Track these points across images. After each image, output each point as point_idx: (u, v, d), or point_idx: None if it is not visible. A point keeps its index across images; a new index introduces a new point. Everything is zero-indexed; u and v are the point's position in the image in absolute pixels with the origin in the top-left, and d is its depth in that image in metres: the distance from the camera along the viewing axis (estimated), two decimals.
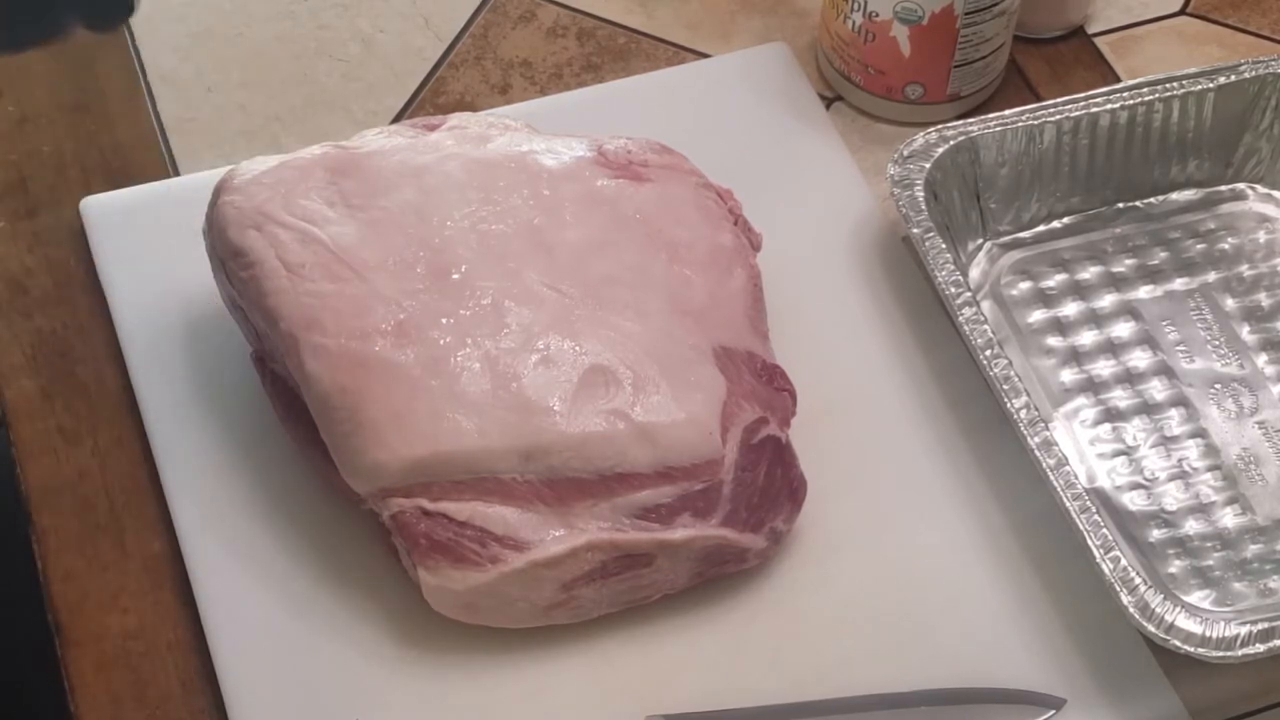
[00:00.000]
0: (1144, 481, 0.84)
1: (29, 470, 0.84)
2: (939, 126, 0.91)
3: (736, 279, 0.83)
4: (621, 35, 1.04)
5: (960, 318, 0.84)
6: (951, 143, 0.90)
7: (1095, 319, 0.90)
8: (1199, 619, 0.75)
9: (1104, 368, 0.88)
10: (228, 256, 0.80)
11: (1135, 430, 0.86)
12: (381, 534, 0.78)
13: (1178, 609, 0.75)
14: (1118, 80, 1.01)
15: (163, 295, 0.88)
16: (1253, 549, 0.82)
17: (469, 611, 0.76)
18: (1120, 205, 0.95)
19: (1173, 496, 0.84)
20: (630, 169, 0.85)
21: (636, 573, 0.76)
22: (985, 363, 0.82)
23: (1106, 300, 0.91)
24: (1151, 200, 0.95)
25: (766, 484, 0.78)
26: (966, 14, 0.93)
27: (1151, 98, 0.92)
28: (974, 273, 0.92)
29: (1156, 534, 0.82)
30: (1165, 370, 0.88)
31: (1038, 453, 0.79)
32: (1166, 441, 0.86)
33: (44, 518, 0.82)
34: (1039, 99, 0.99)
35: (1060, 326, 0.90)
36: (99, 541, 0.81)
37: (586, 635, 0.78)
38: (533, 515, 0.75)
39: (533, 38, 1.03)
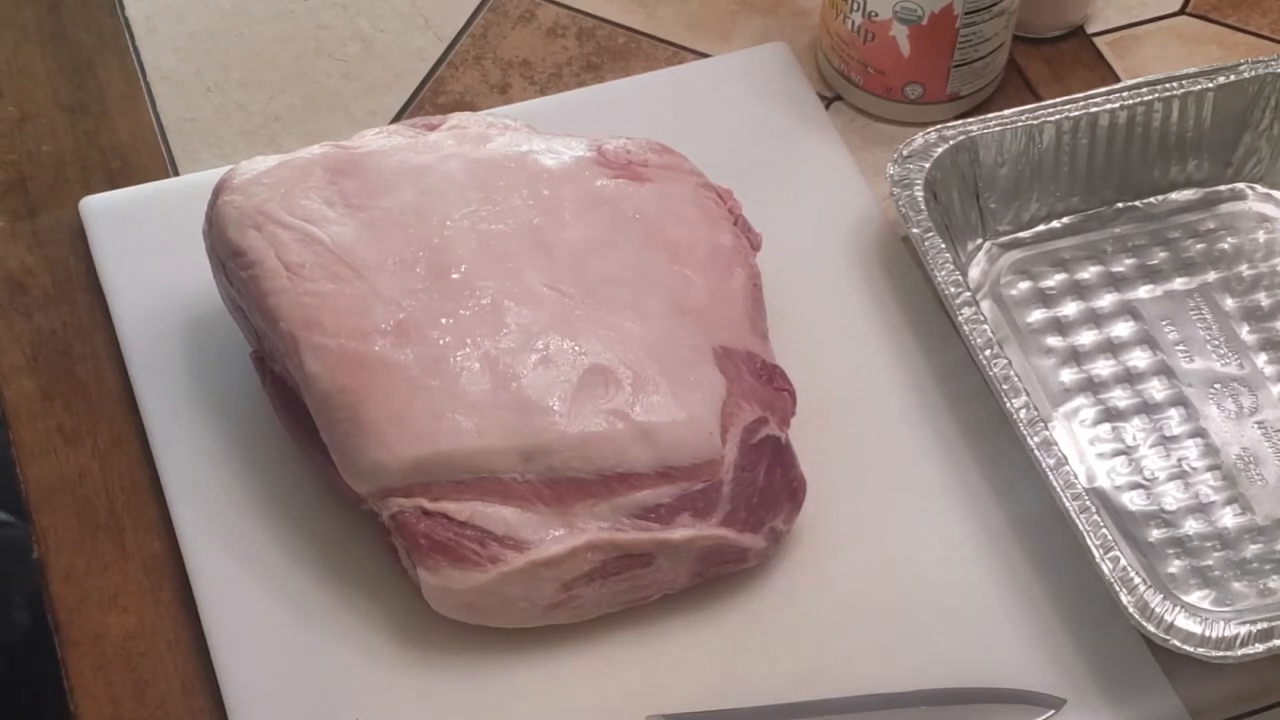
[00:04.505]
0: (1144, 481, 0.84)
1: (29, 470, 0.84)
2: (938, 126, 0.91)
3: (736, 279, 0.83)
4: (621, 35, 1.04)
5: (960, 317, 0.84)
6: (951, 142, 0.90)
7: (1095, 319, 0.90)
8: (1199, 619, 0.75)
9: (1104, 367, 0.88)
10: (227, 256, 0.80)
11: (1135, 430, 0.86)
12: (381, 534, 0.78)
13: (1177, 609, 0.75)
14: (1117, 80, 1.01)
15: (163, 295, 0.88)
16: (1252, 549, 0.82)
17: (469, 611, 0.76)
18: (1120, 205, 0.95)
19: (1172, 496, 0.84)
20: (630, 169, 0.85)
21: (636, 573, 0.77)
22: (985, 363, 0.82)
23: (1106, 300, 0.91)
24: (1151, 200, 0.95)
25: (766, 484, 0.78)
26: (966, 14, 0.93)
27: (1151, 98, 0.92)
28: (974, 272, 0.92)
29: (1156, 534, 0.82)
30: (1165, 370, 0.88)
31: (1037, 453, 0.79)
32: (1166, 441, 0.86)
33: (44, 518, 0.82)
34: (1039, 99, 0.99)
35: (1060, 326, 0.90)
36: (99, 541, 0.81)
37: (586, 635, 0.78)
38: (533, 515, 0.75)
39: (532, 38, 1.03)
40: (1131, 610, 0.75)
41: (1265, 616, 0.75)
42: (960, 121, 0.91)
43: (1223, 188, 0.96)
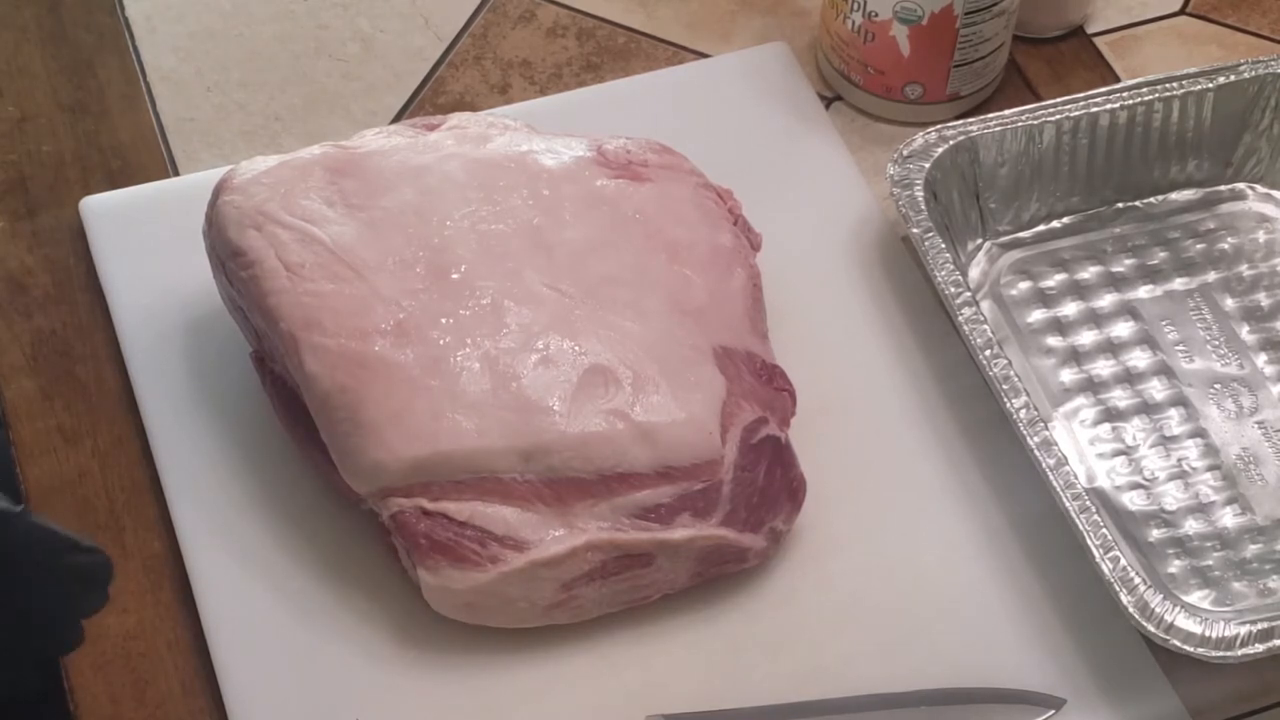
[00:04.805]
0: (1144, 481, 0.84)
1: (29, 470, 0.84)
2: (939, 126, 0.91)
3: (736, 279, 0.83)
4: (621, 35, 1.04)
5: (960, 317, 0.84)
6: (951, 143, 0.90)
7: (1095, 319, 0.90)
8: (1198, 619, 0.75)
9: (1104, 368, 0.88)
10: (227, 256, 0.80)
11: (1135, 430, 0.86)
12: (381, 534, 0.78)
13: (1177, 609, 0.75)
14: (1117, 80, 1.01)
15: (163, 295, 0.88)
16: (1252, 549, 0.82)
17: (469, 611, 0.76)
18: (1120, 205, 0.95)
19: (1172, 496, 0.84)
20: (630, 169, 0.85)
21: (636, 573, 0.77)
22: (985, 363, 0.82)
23: (1106, 300, 0.91)
24: (1151, 200, 0.95)
25: (766, 484, 0.78)
26: (966, 14, 0.93)
27: (1151, 98, 0.92)
28: (974, 272, 0.92)
29: (1156, 534, 0.82)
30: (1165, 370, 0.88)
31: (1037, 453, 0.79)
32: (1166, 441, 0.86)
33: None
34: (1039, 99, 0.99)
35: (1060, 326, 0.90)
36: (99, 541, 0.81)
37: (586, 635, 0.78)
38: (533, 515, 0.75)
39: (533, 38, 1.03)
40: (1131, 610, 0.75)
41: (1265, 616, 0.75)
42: (960, 121, 0.91)
43: (1223, 188, 0.96)
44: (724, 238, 0.84)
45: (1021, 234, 0.94)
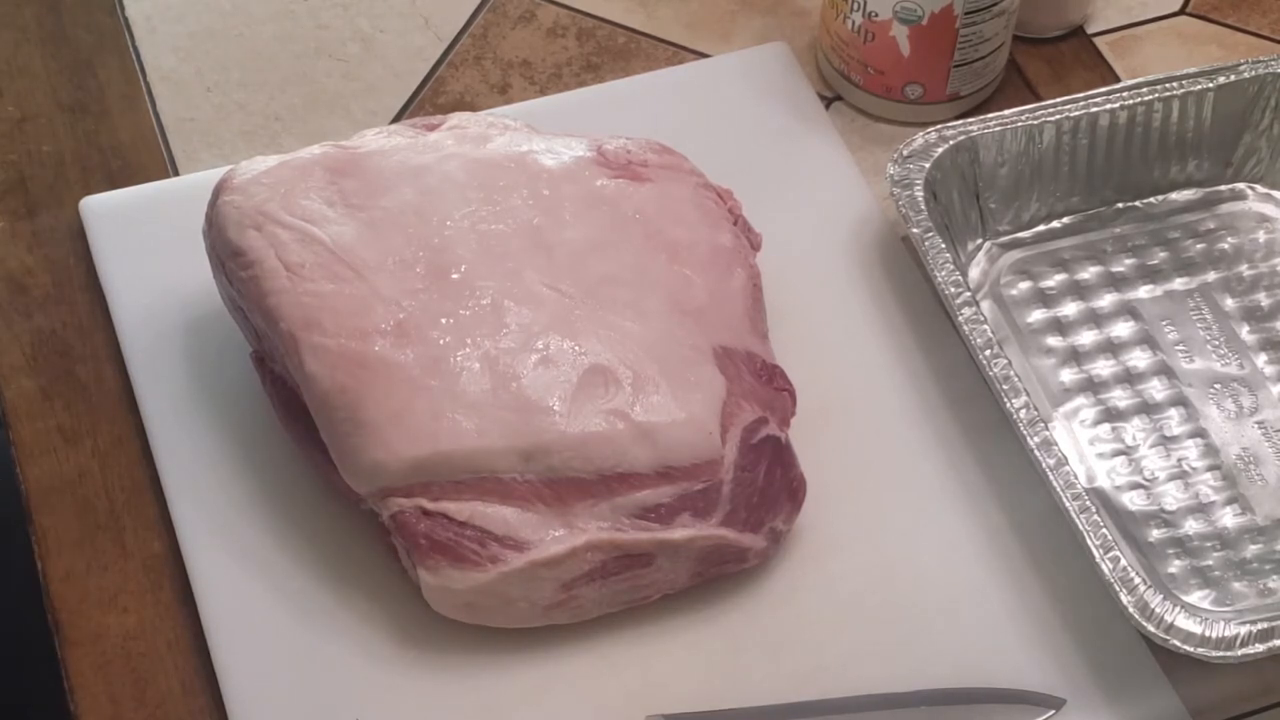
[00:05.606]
0: (1144, 481, 0.84)
1: (29, 470, 0.84)
2: (938, 126, 0.91)
3: (736, 279, 0.83)
4: (621, 35, 1.04)
5: (960, 318, 0.84)
6: (951, 143, 0.90)
7: (1095, 319, 0.90)
8: (1199, 619, 0.75)
9: (1104, 368, 0.88)
10: (227, 256, 0.80)
11: (1135, 430, 0.86)
12: (381, 534, 0.78)
13: (1177, 609, 0.75)
14: (1117, 80, 1.01)
15: (163, 295, 0.88)
16: (1252, 549, 0.82)
17: (469, 611, 0.76)
18: (1120, 205, 0.95)
19: (1172, 496, 0.84)
20: (630, 169, 0.85)
21: (636, 573, 0.77)
22: (985, 363, 0.82)
23: (1106, 300, 0.91)
24: (1151, 200, 0.95)
25: (766, 484, 0.78)
26: (966, 14, 0.93)
27: (1151, 98, 0.92)
28: (973, 273, 0.92)
29: (1156, 534, 0.82)
30: (1165, 370, 0.88)
31: (1037, 453, 0.79)
32: (1166, 441, 0.86)
33: (44, 518, 0.82)
34: (1039, 99, 0.99)
35: (1060, 326, 0.90)
36: (99, 541, 0.81)
37: (586, 635, 0.78)
38: (533, 515, 0.75)
39: (532, 38, 1.03)
40: (1131, 610, 0.75)
41: (1265, 616, 0.75)
42: (960, 121, 0.91)
43: (1223, 188, 0.96)
44: (724, 238, 0.84)
45: (1021, 234, 0.94)
